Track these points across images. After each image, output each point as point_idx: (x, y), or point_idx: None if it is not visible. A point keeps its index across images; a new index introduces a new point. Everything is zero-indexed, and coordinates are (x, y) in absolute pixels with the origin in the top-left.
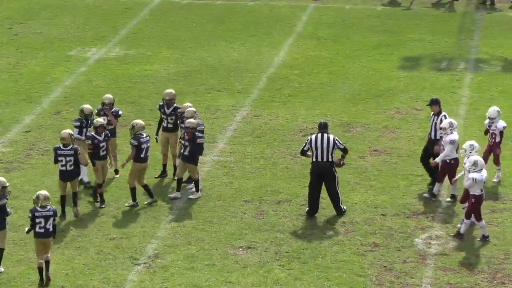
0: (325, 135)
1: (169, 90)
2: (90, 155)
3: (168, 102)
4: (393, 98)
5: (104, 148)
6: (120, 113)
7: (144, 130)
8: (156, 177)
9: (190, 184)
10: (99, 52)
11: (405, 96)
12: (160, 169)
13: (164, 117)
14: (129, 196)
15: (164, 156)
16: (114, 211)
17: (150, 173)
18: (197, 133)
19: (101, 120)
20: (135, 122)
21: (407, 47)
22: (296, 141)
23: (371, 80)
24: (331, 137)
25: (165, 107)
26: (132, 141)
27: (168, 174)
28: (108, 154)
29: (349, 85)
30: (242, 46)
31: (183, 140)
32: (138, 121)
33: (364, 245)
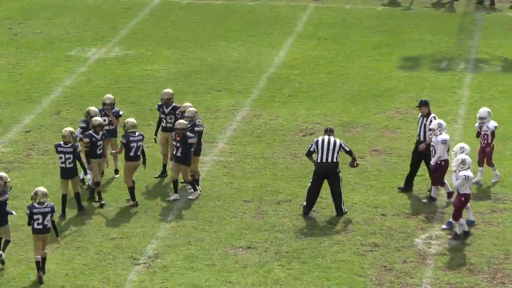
0: (332, 138)
1: (167, 90)
2: (87, 153)
3: (167, 102)
4: (393, 98)
5: (101, 147)
6: (121, 113)
7: (136, 129)
8: (156, 177)
9: (189, 184)
10: (99, 52)
11: (405, 96)
12: (160, 169)
13: (163, 117)
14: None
15: (164, 156)
16: (114, 211)
17: (150, 173)
18: (188, 134)
19: (100, 119)
20: (127, 121)
21: (407, 47)
22: (296, 141)
23: (371, 80)
24: (338, 140)
25: (164, 107)
26: (121, 139)
27: (168, 174)
28: (104, 153)
29: (349, 85)
30: (242, 46)
31: (174, 141)
32: (130, 120)
33: (364, 245)
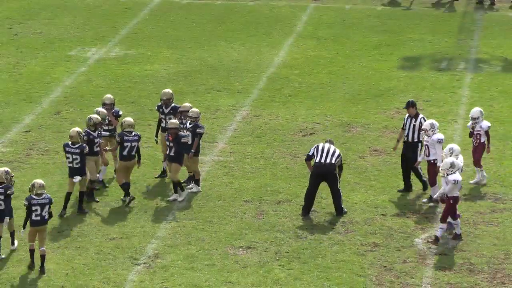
0: (332, 146)
1: (167, 90)
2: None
3: (166, 102)
4: (393, 98)
5: (98, 144)
6: (121, 113)
7: (132, 129)
8: (156, 177)
9: (190, 184)
10: (99, 52)
11: (405, 96)
12: (160, 169)
13: (163, 117)
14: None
15: (165, 156)
16: (114, 211)
17: (150, 173)
18: (181, 133)
19: (97, 117)
20: (124, 120)
21: (407, 47)
22: (296, 141)
23: (371, 80)
24: (337, 151)
25: (163, 107)
26: (116, 137)
27: (168, 175)
28: (101, 151)
29: (349, 85)
30: (242, 46)
31: (167, 141)
32: (127, 119)
33: (364, 245)
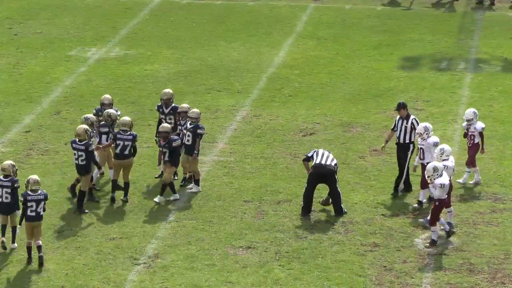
0: (330, 154)
1: (167, 90)
2: None
3: (166, 102)
4: (393, 98)
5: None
6: (119, 113)
7: (127, 128)
8: (156, 177)
9: (190, 184)
10: (99, 52)
11: (405, 96)
12: (160, 169)
13: (163, 117)
14: (130, 196)
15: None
16: (114, 211)
17: (150, 173)
18: (172, 136)
19: (92, 116)
20: (121, 119)
21: (407, 47)
22: (296, 141)
23: (371, 80)
24: (335, 160)
25: (163, 107)
26: (110, 135)
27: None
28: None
29: (349, 85)
30: (242, 46)
31: (159, 146)
32: (123, 118)
33: (364, 245)
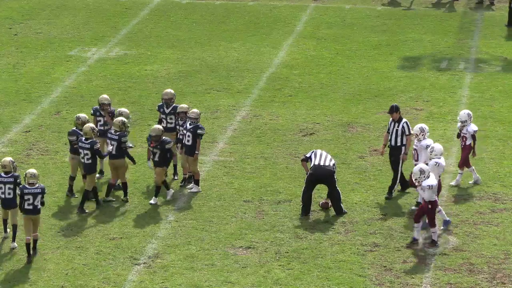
0: (328, 154)
1: (168, 90)
2: (73, 150)
3: (167, 102)
4: (393, 98)
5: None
6: (114, 111)
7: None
8: None
9: (190, 184)
10: (99, 52)
11: (405, 96)
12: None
13: (164, 117)
14: (130, 196)
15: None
16: (114, 211)
17: (150, 173)
18: (165, 138)
19: (85, 116)
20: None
21: (407, 47)
22: (296, 141)
23: (371, 80)
24: (333, 160)
25: (164, 107)
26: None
27: (168, 174)
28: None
29: (349, 85)
30: (242, 46)
31: (150, 147)
32: (116, 119)
33: (364, 245)
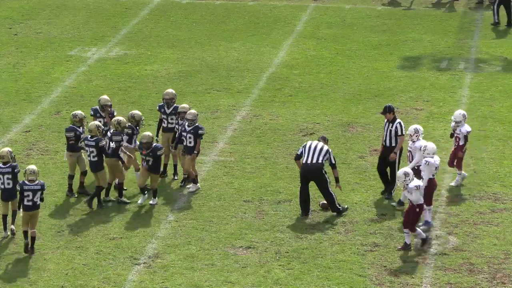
0: (321, 143)
1: (169, 90)
2: (69, 146)
3: (168, 102)
4: (393, 98)
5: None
6: (115, 114)
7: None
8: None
9: (190, 184)
10: (99, 52)
11: (405, 96)
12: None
13: (164, 117)
14: (129, 196)
15: (166, 156)
16: (114, 211)
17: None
18: (156, 145)
19: (81, 113)
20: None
21: (407, 47)
22: (296, 141)
23: (371, 80)
24: (326, 147)
25: (165, 107)
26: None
27: (168, 174)
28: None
29: (349, 85)
30: (242, 46)
31: (142, 155)
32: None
33: (364, 245)
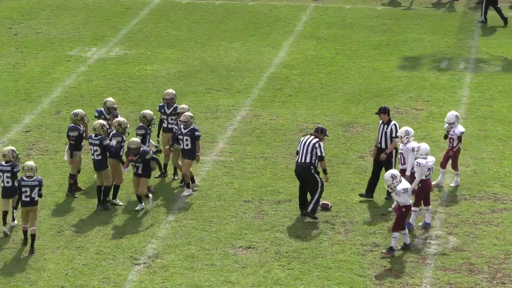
0: (311, 138)
1: (170, 90)
2: (72, 146)
3: (169, 102)
4: (393, 98)
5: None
6: (118, 115)
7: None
8: (156, 177)
9: (191, 184)
10: (99, 52)
11: (405, 96)
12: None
13: (165, 118)
14: (129, 196)
15: (166, 156)
16: (114, 211)
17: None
18: (144, 149)
19: (81, 111)
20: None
21: (407, 47)
22: (296, 141)
23: (371, 80)
24: (314, 140)
25: (165, 107)
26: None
27: (168, 174)
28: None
29: (349, 85)
30: (242, 46)
31: (131, 161)
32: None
33: (364, 245)
